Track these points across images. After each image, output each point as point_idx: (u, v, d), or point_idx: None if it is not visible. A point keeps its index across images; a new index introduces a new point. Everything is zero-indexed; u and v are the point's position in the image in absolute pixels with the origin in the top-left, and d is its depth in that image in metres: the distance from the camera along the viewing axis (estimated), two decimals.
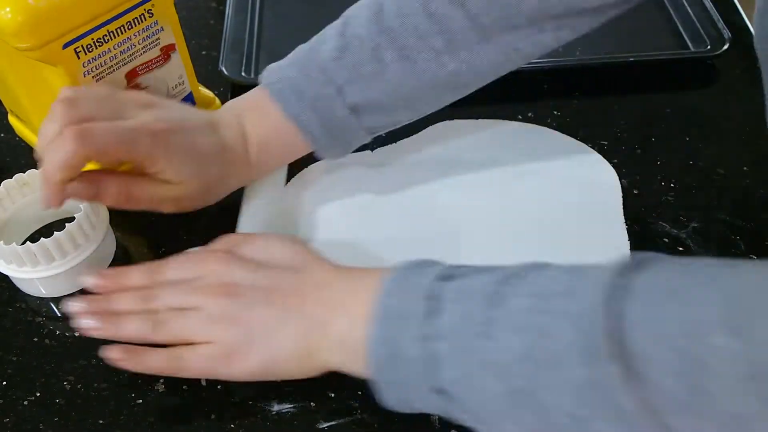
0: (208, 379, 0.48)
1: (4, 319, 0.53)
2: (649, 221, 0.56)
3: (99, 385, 0.49)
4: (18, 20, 0.46)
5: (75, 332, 0.51)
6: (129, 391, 0.48)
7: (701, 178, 0.60)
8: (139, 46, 0.54)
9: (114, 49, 0.52)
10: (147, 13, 0.53)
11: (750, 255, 0.54)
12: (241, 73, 0.68)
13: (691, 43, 0.71)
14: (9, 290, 0.54)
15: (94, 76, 0.52)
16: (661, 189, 0.59)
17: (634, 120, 0.65)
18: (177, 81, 0.58)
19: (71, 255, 0.51)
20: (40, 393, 0.48)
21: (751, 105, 0.66)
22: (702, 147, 0.62)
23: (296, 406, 0.47)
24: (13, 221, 0.55)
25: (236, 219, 0.58)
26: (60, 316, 0.53)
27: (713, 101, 0.67)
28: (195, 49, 0.71)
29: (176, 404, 0.48)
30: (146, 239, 0.58)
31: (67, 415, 0.47)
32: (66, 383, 0.49)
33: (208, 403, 0.47)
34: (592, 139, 0.62)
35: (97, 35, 0.50)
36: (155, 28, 0.54)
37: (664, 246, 0.55)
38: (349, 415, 0.47)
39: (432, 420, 0.46)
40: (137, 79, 0.55)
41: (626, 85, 0.68)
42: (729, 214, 0.57)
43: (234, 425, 0.46)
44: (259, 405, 0.47)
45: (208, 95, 0.63)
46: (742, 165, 0.61)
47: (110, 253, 0.56)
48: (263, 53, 0.72)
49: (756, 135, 0.63)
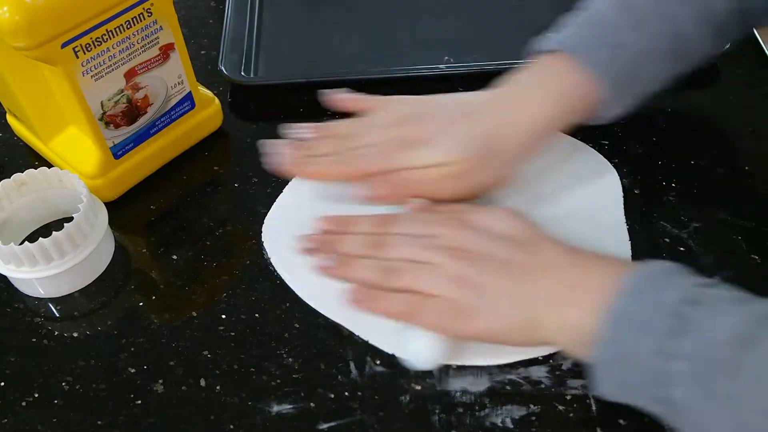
0: (206, 379, 0.48)
1: (2, 319, 0.53)
2: (650, 221, 0.56)
3: (98, 385, 0.48)
4: (16, 19, 0.46)
5: (74, 333, 0.51)
6: (128, 392, 0.48)
7: (702, 178, 0.60)
8: (138, 46, 0.54)
9: (113, 48, 0.52)
10: (146, 12, 0.53)
11: (751, 255, 0.54)
12: (240, 72, 0.68)
13: None
14: (7, 291, 0.54)
15: (93, 75, 0.52)
16: (662, 189, 0.59)
17: (635, 120, 0.64)
18: (176, 80, 0.58)
19: (70, 255, 0.51)
20: (39, 394, 0.48)
21: (751, 104, 0.66)
22: (703, 147, 0.62)
23: (296, 407, 0.47)
24: (11, 221, 0.55)
25: (237, 221, 0.58)
26: (58, 316, 0.53)
27: (714, 101, 0.67)
28: (194, 49, 0.71)
29: (176, 404, 0.47)
30: (146, 239, 0.58)
31: (65, 415, 0.47)
32: (64, 384, 0.49)
33: (208, 403, 0.47)
34: (592, 139, 0.62)
35: (96, 34, 0.50)
36: (154, 27, 0.54)
37: (665, 246, 0.55)
38: (349, 415, 0.46)
39: (432, 420, 0.46)
40: (136, 78, 0.55)
41: None
42: (730, 214, 0.57)
43: (234, 425, 0.46)
44: (259, 405, 0.47)
45: (208, 95, 0.63)
46: (743, 165, 0.61)
47: (109, 253, 0.55)
48: (263, 53, 0.72)
49: (756, 135, 0.63)
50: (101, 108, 0.54)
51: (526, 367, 0.48)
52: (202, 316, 0.52)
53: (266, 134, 0.57)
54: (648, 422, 0.45)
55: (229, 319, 0.52)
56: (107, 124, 0.55)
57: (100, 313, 0.53)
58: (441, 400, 0.47)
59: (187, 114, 0.61)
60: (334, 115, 0.65)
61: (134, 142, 0.58)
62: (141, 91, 0.56)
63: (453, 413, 0.46)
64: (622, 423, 0.46)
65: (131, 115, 0.56)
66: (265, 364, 0.49)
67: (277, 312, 0.52)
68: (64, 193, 0.55)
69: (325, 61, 0.71)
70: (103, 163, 0.56)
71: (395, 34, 0.73)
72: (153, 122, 0.58)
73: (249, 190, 0.60)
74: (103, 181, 0.57)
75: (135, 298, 0.53)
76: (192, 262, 0.55)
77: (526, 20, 0.73)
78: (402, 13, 0.75)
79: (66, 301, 0.53)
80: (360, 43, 0.72)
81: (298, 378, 0.48)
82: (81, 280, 0.54)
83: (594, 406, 0.46)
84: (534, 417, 0.46)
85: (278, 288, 0.53)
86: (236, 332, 0.51)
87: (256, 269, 0.54)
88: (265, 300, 0.52)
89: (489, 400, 0.47)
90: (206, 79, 0.65)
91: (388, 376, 0.48)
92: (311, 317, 0.51)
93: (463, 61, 0.68)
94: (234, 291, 0.53)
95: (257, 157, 0.58)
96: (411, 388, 0.47)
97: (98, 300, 0.53)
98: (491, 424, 0.46)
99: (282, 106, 0.66)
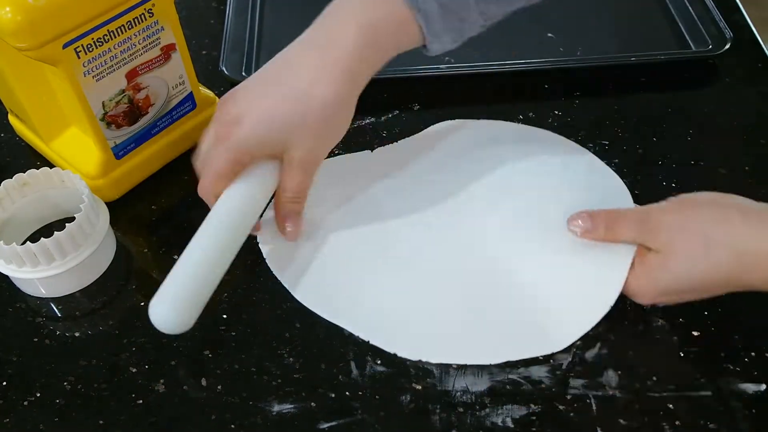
0: (207, 379, 0.48)
1: (4, 319, 0.53)
2: None
3: (99, 385, 0.49)
4: (17, 20, 0.46)
5: (75, 332, 0.52)
6: (129, 391, 0.48)
7: (702, 178, 0.60)
8: (140, 46, 0.54)
9: (114, 48, 0.52)
10: (147, 12, 0.53)
11: None
12: (241, 73, 0.68)
13: (693, 43, 0.71)
14: (9, 290, 0.54)
15: (94, 76, 0.52)
16: (663, 189, 0.59)
17: (635, 120, 0.65)
18: (177, 81, 0.58)
19: (71, 255, 0.51)
20: (40, 393, 0.48)
21: (752, 104, 0.66)
22: (703, 147, 0.62)
23: (296, 406, 0.47)
24: (13, 221, 0.55)
25: None
26: (60, 316, 0.53)
27: (714, 101, 0.67)
28: (195, 49, 0.71)
29: (176, 404, 0.48)
30: (147, 239, 0.58)
31: (67, 415, 0.47)
32: (66, 383, 0.49)
33: (210, 402, 0.47)
34: (593, 139, 0.62)
35: (97, 35, 0.50)
36: (155, 27, 0.54)
37: None
38: (349, 415, 0.47)
39: (432, 420, 0.46)
40: (137, 78, 0.55)
41: (626, 85, 0.68)
42: None
43: (234, 425, 0.46)
44: (260, 405, 0.47)
45: (209, 95, 0.63)
46: (744, 165, 0.61)
47: (111, 253, 0.56)
48: (263, 53, 0.72)
49: (757, 135, 0.63)
50: (102, 108, 0.54)
51: (526, 367, 0.48)
52: (203, 315, 0.52)
53: None
54: (648, 422, 0.45)
55: (230, 319, 0.52)
56: (108, 124, 0.55)
57: (102, 312, 0.53)
58: (441, 400, 0.47)
59: (189, 114, 0.61)
60: None
61: (135, 143, 0.58)
62: (142, 92, 0.56)
63: (453, 413, 0.46)
64: (623, 423, 0.46)
65: (132, 115, 0.56)
66: (266, 363, 0.49)
67: (277, 312, 0.52)
68: (66, 193, 0.55)
69: None
70: (105, 163, 0.57)
71: None
72: (154, 122, 0.58)
73: None
74: (104, 181, 0.57)
75: (136, 297, 0.54)
76: None
77: (526, 21, 0.73)
78: None
79: (67, 301, 0.53)
80: None
81: (298, 378, 0.48)
82: (82, 280, 0.54)
83: (594, 406, 0.46)
84: (534, 417, 0.46)
85: (279, 288, 0.53)
86: (237, 332, 0.51)
87: (256, 269, 0.54)
88: (266, 300, 0.53)
89: (489, 399, 0.47)
90: (207, 80, 0.65)
91: (388, 375, 0.48)
92: (312, 317, 0.51)
93: (464, 61, 0.69)
94: (235, 291, 0.53)
95: None
96: (411, 388, 0.48)
97: (100, 300, 0.53)
98: (491, 423, 0.46)
99: None
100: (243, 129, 0.49)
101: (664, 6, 0.76)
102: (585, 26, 0.74)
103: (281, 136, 0.50)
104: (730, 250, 0.46)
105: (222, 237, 0.48)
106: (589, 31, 0.72)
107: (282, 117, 0.49)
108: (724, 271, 0.46)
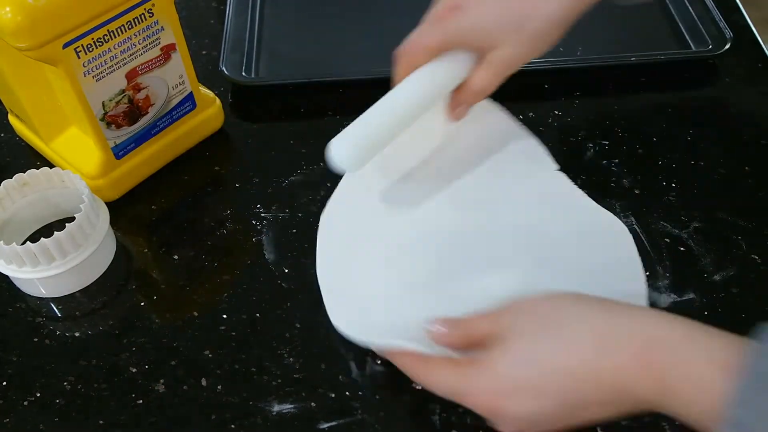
0: (207, 379, 0.48)
1: (4, 319, 0.53)
2: (650, 221, 0.56)
3: (99, 385, 0.49)
4: (17, 20, 0.46)
5: (75, 332, 0.52)
6: (129, 391, 0.48)
7: (702, 178, 0.60)
8: (140, 46, 0.54)
9: (114, 48, 0.52)
10: (147, 12, 0.53)
11: (751, 255, 0.54)
12: (241, 73, 0.68)
13: (693, 43, 0.71)
14: (9, 290, 0.54)
15: (95, 76, 0.52)
16: (662, 189, 0.59)
17: (635, 120, 0.65)
18: (177, 81, 0.58)
19: (71, 255, 0.51)
20: (40, 393, 0.48)
21: (752, 104, 0.66)
22: (703, 147, 0.62)
23: (296, 406, 0.47)
24: (13, 221, 0.55)
25: (238, 221, 0.58)
26: (60, 316, 0.53)
27: (714, 101, 0.67)
28: (195, 49, 0.71)
29: (176, 404, 0.48)
30: (147, 239, 0.58)
31: (67, 415, 0.47)
32: (66, 383, 0.49)
33: (210, 402, 0.47)
34: (593, 139, 0.62)
35: (97, 35, 0.50)
36: (155, 27, 0.54)
37: (665, 246, 0.55)
38: (349, 415, 0.47)
39: (432, 420, 0.46)
40: (137, 78, 0.55)
41: (627, 85, 0.68)
42: (730, 214, 0.57)
43: (234, 425, 0.46)
44: (260, 405, 0.47)
45: (209, 95, 0.63)
46: (744, 165, 0.61)
47: (111, 253, 0.56)
48: (263, 53, 0.72)
49: (756, 134, 0.63)
50: (103, 108, 0.54)
51: None
52: (203, 315, 0.52)
53: (267, 134, 0.58)
54: (648, 422, 0.45)
55: (230, 319, 0.52)
56: (109, 124, 0.55)
57: (102, 312, 0.53)
58: (441, 400, 0.47)
59: (189, 114, 0.61)
60: (334, 115, 0.66)
61: (135, 143, 0.58)
62: (142, 92, 0.56)
63: (453, 413, 0.46)
64: (623, 423, 0.46)
65: (132, 115, 0.56)
66: (266, 363, 0.49)
67: (277, 312, 0.52)
68: (66, 193, 0.55)
69: (325, 61, 0.71)
70: (105, 163, 0.57)
71: (396, 34, 0.73)
72: (154, 122, 0.58)
73: (250, 190, 0.60)
74: (104, 182, 0.57)
75: (136, 297, 0.54)
76: (193, 262, 0.55)
77: None
78: (402, 13, 0.75)
79: (67, 301, 0.53)
80: (360, 43, 0.72)
81: (298, 378, 0.48)
82: (82, 280, 0.54)
83: None
84: None
85: (279, 288, 0.53)
86: (237, 332, 0.51)
87: (256, 269, 0.54)
88: (266, 300, 0.53)
89: None
90: (207, 80, 0.65)
91: (388, 375, 0.48)
92: (312, 317, 0.51)
93: None
94: (235, 291, 0.53)
95: (258, 157, 0.58)
96: (412, 388, 0.47)
97: (100, 300, 0.53)
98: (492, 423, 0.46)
99: (283, 107, 0.67)
100: (467, 15, 0.52)
101: (664, 6, 0.76)
102: (585, 26, 0.74)
103: (498, 34, 0.52)
104: (586, 326, 0.39)
105: (412, 101, 0.53)
106: (589, 31, 0.72)
107: (507, 16, 0.52)
108: (579, 354, 0.39)
